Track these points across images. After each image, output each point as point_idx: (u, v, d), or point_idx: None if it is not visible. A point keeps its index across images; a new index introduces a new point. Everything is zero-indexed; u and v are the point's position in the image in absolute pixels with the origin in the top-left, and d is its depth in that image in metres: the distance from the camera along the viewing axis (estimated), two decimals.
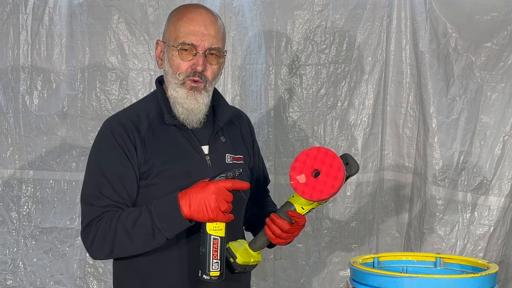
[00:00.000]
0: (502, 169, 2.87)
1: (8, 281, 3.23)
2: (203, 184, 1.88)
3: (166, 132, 2.04)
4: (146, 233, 1.89)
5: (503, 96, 2.86)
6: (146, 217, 1.90)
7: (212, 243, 1.87)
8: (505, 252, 2.92)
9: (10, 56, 3.17)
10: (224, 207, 1.85)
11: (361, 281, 1.89)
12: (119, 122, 2.03)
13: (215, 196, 1.85)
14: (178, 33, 2.00)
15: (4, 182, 3.21)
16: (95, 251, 1.98)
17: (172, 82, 2.02)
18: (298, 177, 1.92)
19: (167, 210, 1.89)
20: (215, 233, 1.87)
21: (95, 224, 1.94)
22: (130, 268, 2.07)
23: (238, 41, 3.11)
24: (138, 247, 1.94)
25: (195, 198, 1.85)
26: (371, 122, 3.08)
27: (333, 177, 1.88)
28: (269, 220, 2.01)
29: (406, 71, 3.03)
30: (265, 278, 3.17)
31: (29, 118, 3.17)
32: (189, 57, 2.00)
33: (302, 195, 1.92)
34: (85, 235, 1.97)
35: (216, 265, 1.88)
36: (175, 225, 1.89)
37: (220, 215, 1.85)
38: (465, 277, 1.83)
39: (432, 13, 2.93)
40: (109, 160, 1.99)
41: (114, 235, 1.91)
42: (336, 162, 1.89)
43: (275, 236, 2.01)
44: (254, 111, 3.11)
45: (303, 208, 1.99)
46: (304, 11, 3.06)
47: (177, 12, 2.06)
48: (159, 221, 1.88)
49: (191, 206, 1.85)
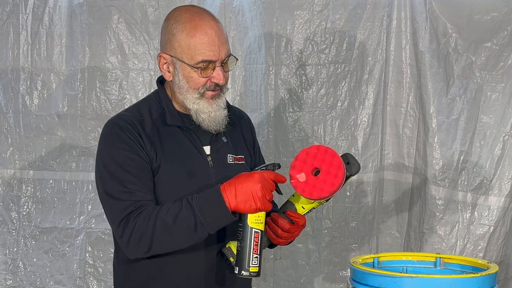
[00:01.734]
0: (502, 169, 2.87)
1: (8, 281, 3.23)
2: (248, 174, 1.87)
3: (168, 133, 2.04)
4: (188, 228, 1.86)
5: (503, 96, 2.86)
6: (187, 212, 1.86)
7: (253, 237, 1.84)
8: (505, 252, 2.92)
9: (10, 56, 3.17)
10: (269, 196, 1.85)
11: (361, 281, 1.89)
12: (123, 120, 2.02)
13: (261, 185, 1.84)
14: (194, 52, 1.97)
15: (4, 182, 3.21)
16: (132, 248, 1.92)
17: (189, 96, 2.01)
18: (298, 176, 1.91)
19: (211, 203, 1.86)
20: (257, 226, 1.85)
21: (132, 220, 1.89)
22: (131, 270, 2.06)
23: (238, 41, 3.11)
24: (179, 242, 1.90)
25: (241, 188, 1.84)
26: (371, 122, 3.08)
27: (333, 175, 1.88)
28: (270, 220, 2.01)
29: (406, 71, 3.03)
30: (265, 278, 3.17)
31: (29, 118, 3.17)
32: (208, 72, 1.99)
33: (302, 194, 1.92)
34: (121, 232, 1.91)
35: (255, 260, 1.85)
36: (219, 219, 1.86)
37: (266, 204, 1.84)
38: (465, 277, 1.83)
39: (432, 13, 2.93)
40: (125, 154, 1.96)
41: (152, 231, 1.87)
42: (336, 160, 1.89)
43: (275, 236, 2.01)
44: (254, 111, 3.11)
45: (303, 207, 1.99)
46: (304, 11, 3.06)
47: (184, 25, 1.99)
48: (202, 215, 1.85)
49: (237, 196, 1.84)
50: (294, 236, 2.05)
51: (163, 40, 2.05)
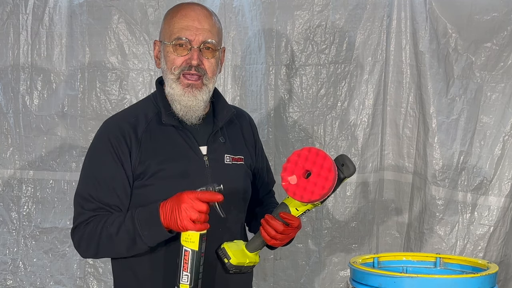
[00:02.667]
0: (502, 169, 2.87)
1: (8, 281, 3.23)
2: (179, 194, 1.87)
3: (163, 132, 2.04)
4: (128, 239, 1.92)
5: (503, 96, 2.86)
6: (129, 224, 1.92)
7: (183, 255, 1.86)
8: (505, 252, 2.92)
9: (10, 56, 3.17)
10: (194, 216, 1.83)
11: (361, 281, 1.89)
12: (116, 124, 2.04)
13: (186, 205, 1.83)
14: (173, 29, 2.02)
15: (4, 182, 3.21)
16: (82, 252, 2.04)
17: (169, 78, 2.03)
18: (289, 178, 1.89)
19: (148, 217, 1.90)
20: (187, 244, 1.86)
21: (82, 228, 1.99)
22: (128, 270, 2.07)
23: (238, 41, 3.12)
24: (121, 252, 1.97)
25: (169, 206, 1.86)
26: (371, 122, 3.08)
27: (324, 178, 1.84)
28: (264, 221, 2.00)
29: (406, 71, 3.03)
30: (265, 278, 3.17)
31: (29, 118, 3.17)
32: (184, 52, 2.01)
33: (293, 197, 1.89)
34: (73, 236, 2.03)
35: (186, 277, 1.86)
36: (155, 233, 1.90)
37: (190, 224, 1.83)
38: (465, 277, 1.83)
39: (432, 13, 2.93)
40: (101, 163, 2.01)
41: (98, 240, 1.95)
42: (327, 163, 1.85)
43: (270, 237, 2.00)
44: (254, 111, 3.11)
45: (297, 209, 1.97)
46: (304, 11, 3.06)
47: (171, 10, 2.08)
48: (140, 228, 1.90)
49: (166, 214, 1.87)
50: (289, 237, 2.04)
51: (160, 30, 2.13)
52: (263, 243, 2.04)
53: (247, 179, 2.16)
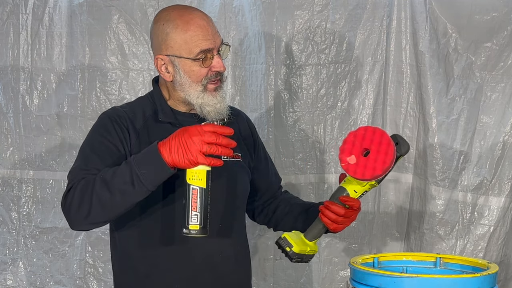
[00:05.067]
0: (502, 169, 2.87)
1: (8, 281, 3.23)
2: (184, 128, 1.83)
3: (161, 130, 2.05)
4: (125, 182, 1.82)
5: (503, 96, 2.86)
6: (124, 167, 1.85)
7: (191, 193, 1.80)
8: (505, 252, 2.92)
9: (10, 56, 3.17)
10: (204, 148, 1.78)
11: (361, 281, 1.89)
12: (115, 112, 2.08)
13: (194, 137, 1.78)
14: (192, 44, 1.99)
15: (4, 182, 3.21)
16: (73, 216, 1.92)
17: (193, 91, 2.03)
18: (348, 159, 1.92)
19: (146, 156, 1.83)
20: (194, 182, 1.80)
21: (74, 186, 1.91)
22: (127, 268, 2.07)
23: (238, 41, 3.11)
24: (117, 200, 1.85)
25: (175, 141, 1.80)
26: (371, 122, 3.08)
27: (384, 153, 1.88)
28: (324, 208, 2.03)
29: (406, 71, 3.03)
30: (265, 278, 3.17)
31: (29, 118, 3.17)
32: (209, 62, 2.01)
33: (354, 176, 1.92)
34: (64, 201, 1.93)
35: (195, 217, 1.80)
36: (155, 172, 1.81)
37: (200, 156, 1.78)
38: (465, 277, 1.83)
39: (432, 13, 2.93)
40: (101, 141, 2.00)
41: (92, 190, 1.85)
42: (385, 138, 1.90)
43: (331, 222, 2.02)
44: (254, 111, 3.11)
45: (355, 191, 2.01)
46: (304, 11, 3.06)
47: (176, 23, 2.02)
48: (138, 167, 1.81)
49: (171, 150, 1.79)
50: (351, 220, 2.07)
51: (156, 42, 2.06)
52: (321, 231, 2.07)
53: (245, 176, 2.16)
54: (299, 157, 3.11)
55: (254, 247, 3.12)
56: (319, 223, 2.07)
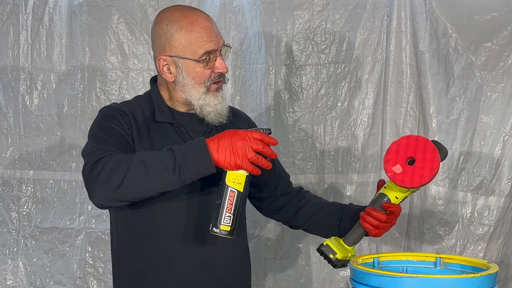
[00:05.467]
0: (502, 169, 2.87)
1: (8, 281, 3.23)
2: (233, 130, 1.85)
3: (159, 130, 2.05)
4: (166, 168, 1.81)
5: (503, 96, 2.86)
6: (166, 153, 1.83)
7: (229, 195, 1.84)
8: (505, 252, 2.92)
9: (10, 56, 3.17)
10: (251, 155, 1.81)
11: (361, 281, 1.89)
12: (118, 106, 2.09)
13: (244, 142, 1.81)
14: (196, 45, 2.00)
15: (4, 182, 3.21)
16: (98, 185, 1.85)
17: (195, 92, 2.04)
18: (393, 168, 1.96)
19: (192, 148, 1.83)
20: (233, 185, 1.84)
21: (108, 156, 1.86)
22: (124, 267, 2.08)
23: (238, 41, 3.11)
24: (152, 183, 1.82)
25: (224, 142, 1.81)
26: (371, 122, 3.08)
27: (430, 160, 1.92)
28: (365, 214, 2.06)
29: (406, 71, 3.03)
30: (265, 278, 3.17)
31: (29, 118, 3.17)
32: (212, 63, 2.02)
33: (402, 184, 1.96)
34: (91, 168, 1.85)
35: (228, 219, 1.84)
36: (200, 166, 1.81)
37: (245, 162, 1.81)
38: (465, 277, 1.83)
39: (432, 13, 2.93)
40: (109, 125, 2.00)
41: (128, 165, 1.81)
42: (429, 146, 1.94)
43: (373, 227, 2.06)
44: (254, 111, 3.11)
45: (397, 197, 2.05)
46: (304, 11, 3.06)
47: (180, 24, 2.02)
48: (183, 157, 1.81)
49: (219, 149, 1.81)
50: (391, 225, 2.11)
51: (159, 43, 2.05)
52: (361, 236, 2.11)
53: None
54: (299, 157, 3.11)
55: (254, 247, 3.12)
56: (359, 229, 2.11)
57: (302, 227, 2.35)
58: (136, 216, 2.04)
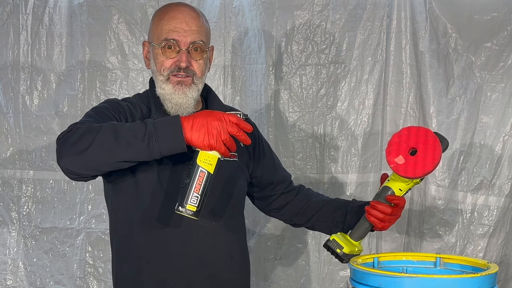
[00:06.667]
0: (502, 169, 2.87)
1: (8, 281, 3.23)
2: (210, 111, 1.85)
3: None
4: (135, 136, 1.79)
5: (503, 96, 2.86)
6: (139, 124, 1.82)
7: (198, 175, 1.79)
8: (505, 252, 2.92)
9: (10, 56, 3.17)
10: (224, 136, 1.79)
11: (361, 281, 1.89)
12: (118, 101, 2.12)
13: (219, 123, 1.79)
14: (160, 32, 2.05)
15: (4, 182, 3.21)
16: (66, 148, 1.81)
17: (158, 80, 2.07)
18: (396, 159, 1.97)
19: (166, 122, 1.81)
20: (204, 165, 1.80)
21: (79, 126, 1.84)
22: (122, 264, 2.09)
23: (238, 41, 3.11)
24: (119, 150, 1.79)
25: (199, 120, 1.80)
26: (371, 122, 3.08)
27: (432, 149, 1.93)
28: (370, 208, 2.07)
29: (406, 71, 3.03)
30: (265, 278, 3.16)
31: (29, 118, 3.17)
32: (172, 54, 2.04)
33: (405, 175, 1.97)
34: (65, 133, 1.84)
35: (195, 199, 1.79)
36: (170, 139, 1.79)
37: (219, 143, 1.78)
38: (465, 277, 1.83)
39: (432, 13, 2.93)
40: (106, 109, 2.03)
41: (97, 131, 1.80)
42: (431, 135, 1.95)
43: (379, 221, 2.06)
44: (254, 111, 3.11)
45: (400, 190, 2.06)
46: (304, 11, 3.06)
47: (159, 11, 2.11)
48: (155, 129, 1.79)
49: (193, 127, 1.79)
50: (396, 217, 2.11)
51: None
52: (367, 230, 2.11)
53: (241, 176, 2.17)
54: (299, 157, 3.11)
55: (254, 247, 3.12)
56: (365, 223, 2.11)
57: (306, 225, 2.35)
58: (135, 207, 2.04)
